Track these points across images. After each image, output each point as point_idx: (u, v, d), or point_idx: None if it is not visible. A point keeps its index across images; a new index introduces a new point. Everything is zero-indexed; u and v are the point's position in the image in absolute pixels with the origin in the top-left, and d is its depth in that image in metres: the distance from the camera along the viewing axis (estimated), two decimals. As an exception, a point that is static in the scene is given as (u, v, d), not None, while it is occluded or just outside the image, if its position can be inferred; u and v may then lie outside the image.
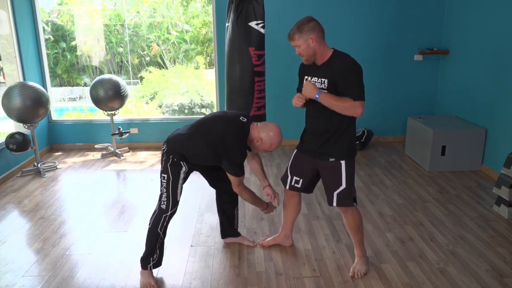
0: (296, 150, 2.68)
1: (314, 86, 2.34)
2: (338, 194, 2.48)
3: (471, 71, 4.68)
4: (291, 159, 2.71)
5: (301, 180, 2.67)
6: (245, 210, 3.59)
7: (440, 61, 5.37)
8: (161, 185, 2.50)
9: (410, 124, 4.95)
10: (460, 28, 4.90)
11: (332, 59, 2.35)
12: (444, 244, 2.97)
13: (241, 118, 2.48)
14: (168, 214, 2.51)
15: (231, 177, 2.48)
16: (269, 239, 3.01)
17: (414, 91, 5.50)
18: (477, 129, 4.41)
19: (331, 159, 2.45)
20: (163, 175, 2.49)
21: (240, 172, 2.46)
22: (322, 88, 2.36)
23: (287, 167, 2.74)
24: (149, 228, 2.55)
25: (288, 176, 2.71)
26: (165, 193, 2.48)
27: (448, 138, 4.39)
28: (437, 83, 5.49)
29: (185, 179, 2.53)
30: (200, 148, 2.45)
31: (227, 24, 3.04)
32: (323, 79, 2.36)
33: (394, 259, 2.79)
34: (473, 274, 2.61)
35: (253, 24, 2.88)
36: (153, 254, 2.56)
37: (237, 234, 3.02)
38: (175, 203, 2.51)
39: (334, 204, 2.51)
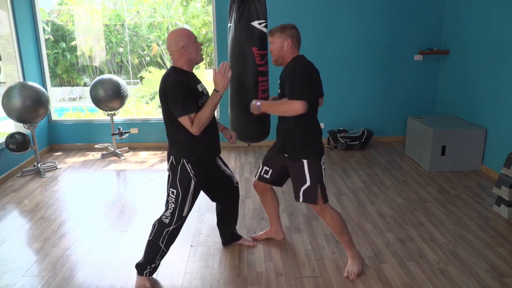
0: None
1: (254, 105, 2.52)
2: (304, 190, 2.53)
3: (471, 71, 4.68)
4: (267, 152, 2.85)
5: (270, 171, 2.77)
6: (245, 210, 3.59)
7: (440, 61, 5.37)
8: (169, 200, 2.45)
9: (410, 124, 4.95)
10: (460, 28, 4.90)
11: (289, 63, 2.50)
12: (444, 244, 2.97)
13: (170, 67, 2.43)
14: (171, 228, 2.46)
15: (181, 120, 2.27)
16: (261, 233, 3.09)
17: (414, 91, 5.50)
18: (477, 129, 4.41)
19: (287, 157, 2.56)
20: (171, 189, 2.43)
21: (183, 111, 2.24)
22: (279, 89, 2.52)
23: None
24: (149, 240, 2.50)
25: (259, 167, 2.83)
26: (172, 208, 2.44)
27: (448, 138, 4.39)
28: (437, 83, 5.49)
29: (195, 194, 2.47)
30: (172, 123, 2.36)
31: (229, 25, 3.02)
32: (279, 80, 2.53)
33: (394, 259, 2.79)
34: (473, 274, 2.61)
35: (255, 23, 2.86)
36: (151, 264, 2.53)
37: (238, 238, 3.02)
38: (180, 217, 2.46)
39: (300, 199, 2.57)
